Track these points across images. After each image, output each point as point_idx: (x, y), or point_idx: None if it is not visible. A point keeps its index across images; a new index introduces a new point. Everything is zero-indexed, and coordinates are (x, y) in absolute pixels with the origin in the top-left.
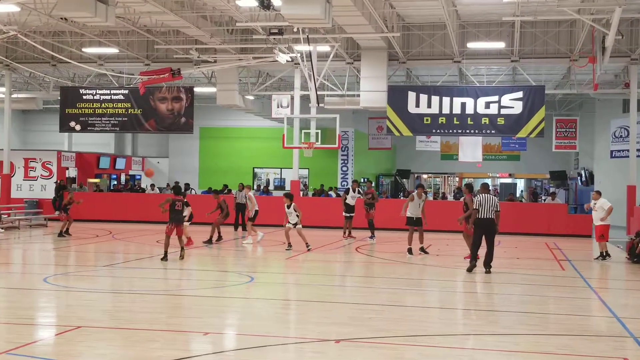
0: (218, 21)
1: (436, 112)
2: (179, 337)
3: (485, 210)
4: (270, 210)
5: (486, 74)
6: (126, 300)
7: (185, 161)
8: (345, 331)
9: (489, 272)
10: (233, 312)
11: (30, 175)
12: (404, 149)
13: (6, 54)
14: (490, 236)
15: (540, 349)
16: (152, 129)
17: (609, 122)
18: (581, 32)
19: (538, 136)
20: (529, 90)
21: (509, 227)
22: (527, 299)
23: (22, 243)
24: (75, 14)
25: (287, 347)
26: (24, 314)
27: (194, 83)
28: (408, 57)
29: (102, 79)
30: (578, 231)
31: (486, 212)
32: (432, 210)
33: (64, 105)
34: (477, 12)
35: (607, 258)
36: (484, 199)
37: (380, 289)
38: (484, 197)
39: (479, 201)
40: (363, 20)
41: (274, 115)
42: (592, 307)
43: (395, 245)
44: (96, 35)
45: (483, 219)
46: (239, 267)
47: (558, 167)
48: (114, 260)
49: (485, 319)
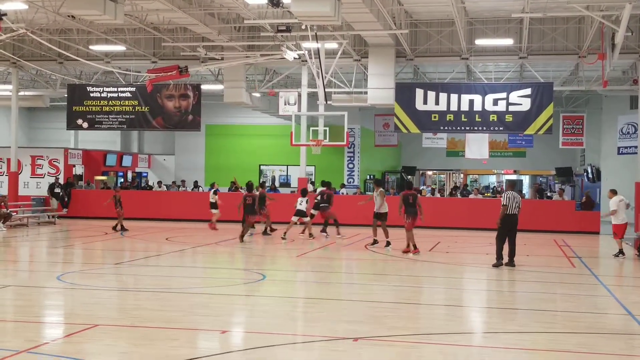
0: (225, 18)
1: (444, 109)
2: (198, 335)
3: (512, 207)
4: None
5: (494, 70)
6: (141, 298)
7: (192, 158)
8: (362, 329)
9: (513, 266)
10: (248, 310)
11: (37, 173)
12: (409, 145)
13: (13, 51)
14: (513, 232)
15: (559, 346)
16: (160, 126)
17: (616, 118)
18: (590, 28)
19: (546, 133)
20: (537, 87)
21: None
22: (540, 297)
23: (31, 240)
24: (84, 12)
25: (307, 346)
26: (41, 312)
27: (201, 80)
28: (416, 54)
29: (109, 77)
30: (586, 228)
31: (512, 209)
32: (441, 208)
33: (71, 102)
34: (485, 9)
35: (620, 256)
36: (511, 195)
37: (393, 287)
38: (511, 194)
39: (508, 197)
40: (371, 17)
41: (281, 112)
42: (606, 304)
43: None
44: (103, 32)
45: (510, 214)
46: (249, 265)
47: (564, 164)
48: (124, 258)
49: (501, 317)
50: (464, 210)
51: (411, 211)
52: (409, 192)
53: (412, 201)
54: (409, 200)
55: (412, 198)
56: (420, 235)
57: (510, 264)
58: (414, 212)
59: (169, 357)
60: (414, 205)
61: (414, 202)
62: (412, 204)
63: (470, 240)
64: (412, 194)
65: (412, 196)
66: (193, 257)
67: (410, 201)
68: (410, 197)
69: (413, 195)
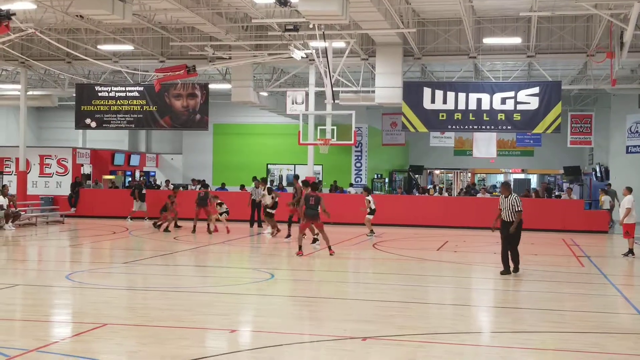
0: (233, 18)
1: (452, 108)
2: (206, 335)
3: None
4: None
5: (502, 69)
6: (149, 297)
7: (199, 157)
8: (370, 329)
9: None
10: (257, 310)
11: (45, 172)
12: (417, 144)
13: (22, 51)
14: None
15: (569, 346)
16: (167, 125)
17: (624, 117)
18: (598, 27)
19: (554, 132)
20: (545, 86)
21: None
22: (549, 296)
23: (40, 240)
24: (92, 12)
25: (315, 345)
26: (50, 311)
27: (208, 80)
28: (423, 53)
29: (117, 76)
30: (594, 227)
31: (506, 215)
32: (449, 207)
33: (79, 102)
34: (493, 7)
35: (630, 255)
36: (502, 200)
37: (400, 286)
38: (502, 199)
39: (500, 202)
40: (379, 16)
41: (289, 111)
42: (616, 303)
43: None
44: (111, 32)
45: (503, 220)
46: (257, 264)
47: (572, 163)
48: (132, 257)
49: (510, 317)
50: (472, 209)
51: (310, 213)
52: (312, 193)
53: (313, 203)
54: (310, 201)
55: (314, 200)
56: (428, 234)
57: (514, 270)
58: (313, 214)
59: (177, 356)
60: (314, 208)
61: (315, 205)
62: (312, 205)
63: (479, 239)
64: (314, 196)
65: (314, 198)
66: (201, 256)
67: (310, 202)
68: (312, 198)
69: (315, 197)
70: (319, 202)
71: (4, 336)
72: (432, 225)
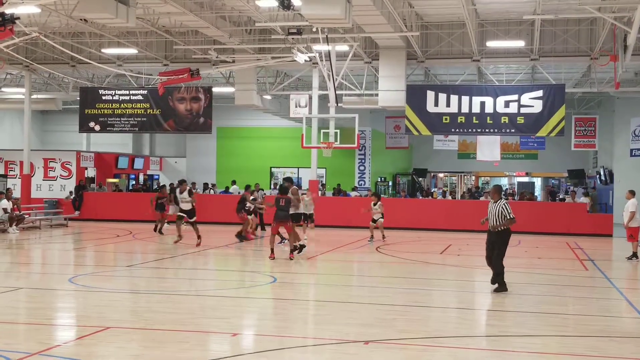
0: (237, 21)
1: (455, 111)
2: (209, 338)
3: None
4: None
5: (505, 72)
6: (152, 301)
7: (203, 161)
8: (372, 332)
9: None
10: (259, 313)
11: (49, 176)
12: (421, 148)
13: (26, 55)
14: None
15: (570, 350)
16: (171, 129)
17: (628, 120)
18: (602, 30)
19: (558, 135)
20: (548, 89)
21: (529, 226)
22: (551, 300)
23: (44, 243)
24: (96, 15)
25: (318, 349)
26: (53, 314)
27: (212, 83)
28: (427, 56)
29: (121, 80)
30: (598, 230)
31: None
32: (452, 210)
33: (83, 105)
34: (496, 11)
35: (634, 259)
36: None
37: (402, 290)
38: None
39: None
40: (382, 20)
41: (292, 115)
42: (619, 308)
43: (416, 245)
44: (115, 36)
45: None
46: (260, 267)
47: (576, 166)
48: (135, 261)
49: (512, 320)
50: (476, 213)
51: (279, 214)
52: (282, 195)
53: (284, 204)
54: (280, 202)
55: (284, 201)
56: (431, 237)
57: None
58: (283, 215)
59: (179, 359)
60: (284, 210)
61: (286, 206)
62: (282, 207)
63: (482, 242)
64: (285, 198)
65: (285, 200)
66: (204, 259)
67: (281, 204)
68: (282, 200)
69: (286, 199)
70: (289, 203)
71: (7, 339)
72: (436, 229)
